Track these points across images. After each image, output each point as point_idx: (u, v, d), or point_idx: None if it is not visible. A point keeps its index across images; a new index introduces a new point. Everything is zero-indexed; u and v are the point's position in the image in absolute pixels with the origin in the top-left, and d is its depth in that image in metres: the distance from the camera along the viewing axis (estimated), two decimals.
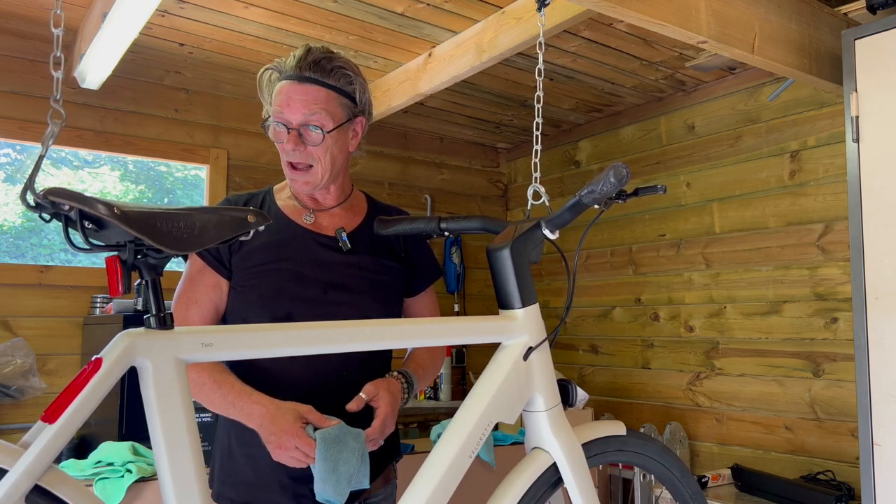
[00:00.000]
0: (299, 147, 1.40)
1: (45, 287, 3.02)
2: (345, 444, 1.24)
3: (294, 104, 1.40)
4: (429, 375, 1.54)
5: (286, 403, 1.29)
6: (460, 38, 2.83)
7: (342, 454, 1.23)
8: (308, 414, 1.27)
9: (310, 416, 1.27)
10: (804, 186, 3.05)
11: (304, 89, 1.40)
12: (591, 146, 4.10)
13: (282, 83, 1.42)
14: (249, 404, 1.30)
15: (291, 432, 1.24)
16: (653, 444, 1.36)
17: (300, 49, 1.43)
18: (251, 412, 1.29)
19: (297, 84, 1.40)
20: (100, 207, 0.88)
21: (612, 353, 3.88)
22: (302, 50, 1.43)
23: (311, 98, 1.40)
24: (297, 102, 1.40)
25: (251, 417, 1.29)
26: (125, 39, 2.42)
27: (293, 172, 1.44)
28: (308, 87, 1.40)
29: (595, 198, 1.15)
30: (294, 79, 1.41)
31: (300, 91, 1.40)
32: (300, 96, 1.40)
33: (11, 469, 0.83)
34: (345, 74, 1.44)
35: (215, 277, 1.43)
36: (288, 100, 1.40)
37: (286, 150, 1.42)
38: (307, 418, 1.27)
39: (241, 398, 1.31)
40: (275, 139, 1.43)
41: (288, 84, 1.41)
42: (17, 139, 3.01)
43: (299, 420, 1.26)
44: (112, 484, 1.91)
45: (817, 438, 2.95)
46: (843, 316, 2.89)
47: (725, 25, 2.16)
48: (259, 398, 1.30)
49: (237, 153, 3.56)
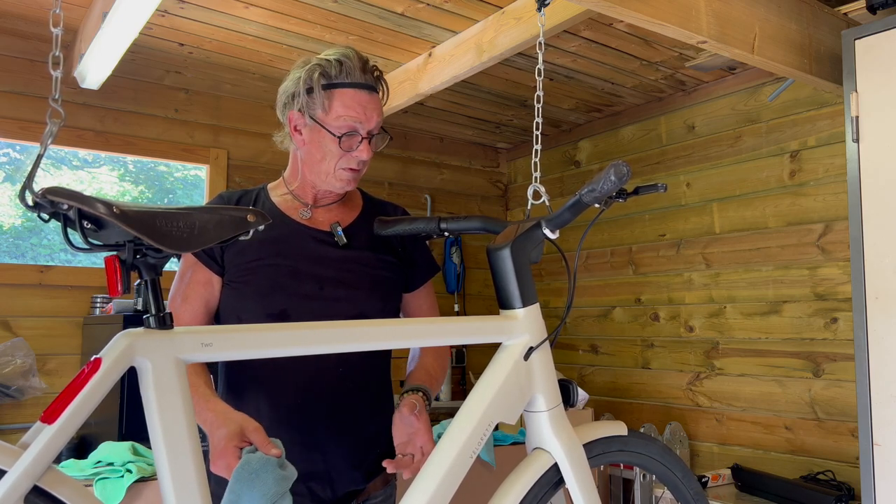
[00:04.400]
0: (370, 153, 1.45)
1: (45, 287, 3.02)
2: (260, 481, 1.08)
3: (370, 114, 1.42)
4: (439, 384, 1.53)
5: (235, 415, 1.21)
6: (460, 38, 2.83)
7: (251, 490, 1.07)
8: (252, 433, 1.16)
9: (253, 435, 1.16)
10: (804, 186, 3.05)
11: (374, 99, 1.44)
12: (591, 146, 4.10)
13: (348, 90, 1.42)
14: (205, 410, 1.25)
15: (222, 449, 1.15)
16: (654, 444, 1.36)
17: (352, 55, 1.44)
18: (205, 419, 1.25)
19: (367, 93, 1.43)
20: (99, 207, 0.88)
21: (612, 353, 3.88)
22: (356, 57, 1.44)
23: (379, 108, 1.46)
24: (373, 112, 1.43)
25: (204, 423, 1.25)
26: (125, 39, 2.42)
27: (351, 173, 1.45)
28: (376, 97, 1.45)
29: (595, 196, 1.15)
30: (364, 88, 1.43)
31: (372, 101, 1.44)
32: (373, 106, 1.44)
33: (10, 470, 0.82)
34: (384, 84, 1.50)
35: (206, 274, 1.42)
36: (364, 108, 1.42)
37: (358, 158, 1.43)
38: (250, 437, 1.16)
39: (199, 403, 1.27)
40: (345, 148, 1.42)
41: (359, 93, 1.42)
42: (17, 139, 3.01)
43: (237, 437, 1.16)
44: (112, 484, 1.91)
45: (817, 438, 2.95)
46: (843, 316, 2.88)
47: (725, 25, 2.16)
48: (215, 405, 1.25)
49: (237, 153, 3.56)
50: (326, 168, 1.44)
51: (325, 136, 1.42)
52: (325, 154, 1.43)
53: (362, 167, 1.46)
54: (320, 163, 1.44)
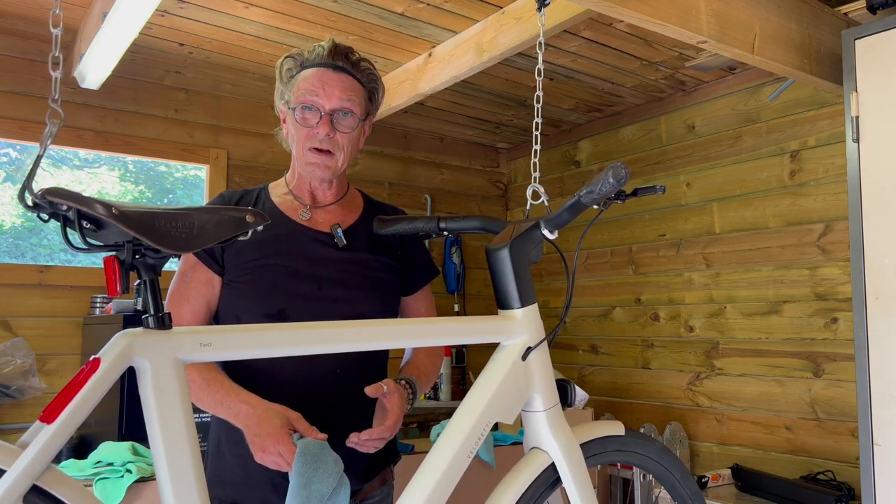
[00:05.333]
0: (331, 132, 1.42)
1: (45, 287, 3.02)
2: (323, 463, 1.17)
3: (330, 89, 1.42)
4: (429, 380, 1.53)
5: (275, 406, 1.26)
6: (460, 38, 2.83)
7: (318, 472, 1.16)
8: (297, 422, 1.23)
9: (298, 424, 1.23)
10: (804, 186, 3.05)
11: (340, 77, 1.43)
12: (591, 146, 4.10)
13: (311, 70, 1.43)
14: (237, 403, 1.28)
15: (276, 437, 1.20)
16: (652, 444, 1.36)
17: (327, 42, 1.46)
18: (238, 411, 1.27)
19: (331, 71, 1.43)
20: (98, 207, 0.88)
21: (612, 353, 3.88)
22: (330, 42, 1.45)
23: (346, 85, 1.43)
24: (334, 87, 1.42)
25: (238, 416, 1.27)
26: (125, 39, 2.42)
27: (317, 155, 1.43)
28: (343, 76, 1.44)
29: (594, 198, 1.15)
30: (328, 66, 1.43)
31: (336, 78, 1.43)
32: (336, 82, 1.42)
33: (10, 469, 0.82)
34: (370, 72, 1.49)
35: (207, 274, 1.42)
36: (323, 84, 1.42)
37: (316, 135, 1.42)
38: (295, 426, 1.23)
39: (230, 396, 1.29)
40: (302, 123, 1.42)
41: (321, 70, 1.43)
42: (17, 139, 3.01)
43: (286, 425, 1.22)
44: (112, 484, 1.91)
45: (817, 438, 2.95)
46: (843, 316, 2.89)
47: (725, 25, 2.16)
48: (248, 397, 1.28)
49: (237, 153, 3.56)
50: (298, 152, 1.46)
51: (290, 118, 1.45)
52: (295, 137, 1.45)
53: (332, 148, 1.43)
54: (295, 148, 1.47)
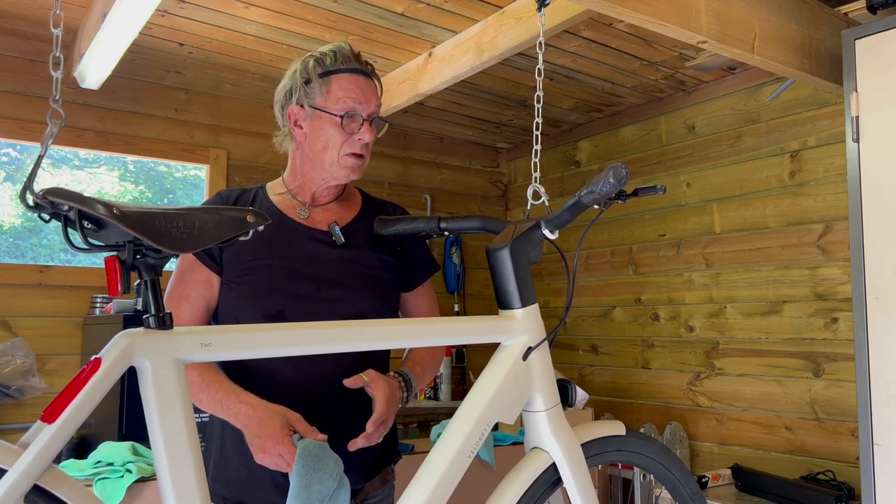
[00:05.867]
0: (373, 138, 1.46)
1: (45, 287, 3.02)
2: (323, 464, 1.17)
3: (368, 95, 1.44)
4: (428, 374, 1.52)
5: (275, 407, 1.26)
6: (460, 38, 2.83)
7: (318, 473, 1.16)
8: (297, 422, 1.23)
9: (298, 425, 1.23)
10: (804, 186, 3.05)
11: (371, 84, 1.47)
12: (591, 146, 4.10)
13: (345, 74, 1.44)
14: (237, 404, 1.28)
15: (276, 437, 1.20)
16: (652, 444, 1.36)
17: (344, 45, 1.46)
18: (238, 412, 1.27)
19: (363, 77, 1.46)
20: (98, 207, 0.88)
21: (612, 353, 3.88)
22: (348, 46, 1.46)
23: (376, 93, 1.47)
24: (371, 94, 1.45)
25: (238, 417, 1.27)
26: (125, 39, 2.42)
27: (355, 160, 1.45)
28: (373, 82, 1.48)
29: (594, 198, 1.15)
30: (360, 73, 1.45)
31: (369, 85, 1.46)
32: (371, 89, 1.46)
33: (10, 469, 0.82)
34: (378, 77, 1.51)
35: (206, 273, 1.42)
36: (362, 91, 1.44)
37: (359, 141, 1.43)
38: (295, 427, 1.23)
39: (229, 397, 1.29)
40: (347, 130, 1.43)
41: (355, 77, 1.44)
42: (17, 139, 3.01)
43: (286, 426, 1.22)
44: (112, 484, 1.91)
45: (817, 438, 2.95)
46: (843, 316, 2.89)
47: (725, 25, 2.16)
48: (247, 398, 1.28)
49: (237, 153, 3.56)
50: (330, 157, 1.44)
51: (326, 122, 1.43)
52: (328, 142, 1.43)
53: (366, 153, 1.47)
54: (323, 153, 1.44)
